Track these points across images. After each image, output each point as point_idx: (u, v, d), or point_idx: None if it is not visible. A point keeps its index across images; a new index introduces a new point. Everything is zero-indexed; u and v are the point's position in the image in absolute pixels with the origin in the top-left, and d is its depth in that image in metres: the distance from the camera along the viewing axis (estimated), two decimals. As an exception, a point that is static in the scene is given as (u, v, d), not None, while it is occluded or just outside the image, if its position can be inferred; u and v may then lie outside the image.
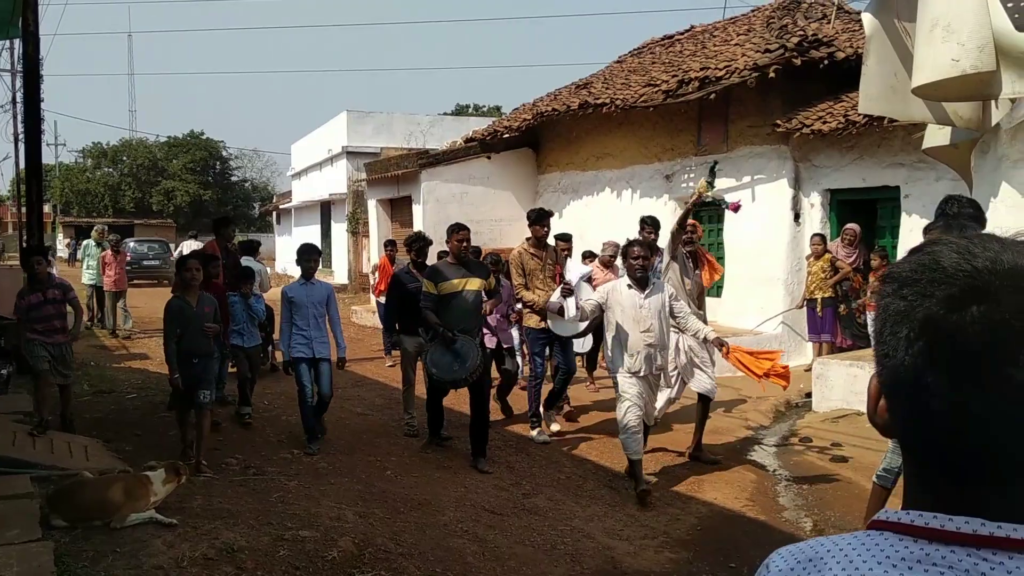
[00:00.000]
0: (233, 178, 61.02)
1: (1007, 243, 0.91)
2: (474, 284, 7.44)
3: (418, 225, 17.48)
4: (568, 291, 7.18)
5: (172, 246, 31.89)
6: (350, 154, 25.88)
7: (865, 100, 2.23)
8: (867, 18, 2.27)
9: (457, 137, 21.84)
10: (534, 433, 8.28)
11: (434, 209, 16.98)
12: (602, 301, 6.78)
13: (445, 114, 37.00)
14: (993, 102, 2.21)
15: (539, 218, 8.38)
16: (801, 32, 12.41)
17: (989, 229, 9.19)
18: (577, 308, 7.00)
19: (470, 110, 55.77)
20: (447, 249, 8.04)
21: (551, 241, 8.77)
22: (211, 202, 54.71)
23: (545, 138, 17.43)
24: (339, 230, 26.67)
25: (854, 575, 0.90)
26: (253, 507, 5.83)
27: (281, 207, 37.35)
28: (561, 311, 7.28)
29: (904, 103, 1.94)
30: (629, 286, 6.74)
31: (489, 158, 17.46)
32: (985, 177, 9.30)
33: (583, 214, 15.94)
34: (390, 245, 13.75)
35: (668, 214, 14.06)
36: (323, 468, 7.09)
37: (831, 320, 10.93)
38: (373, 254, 20.54)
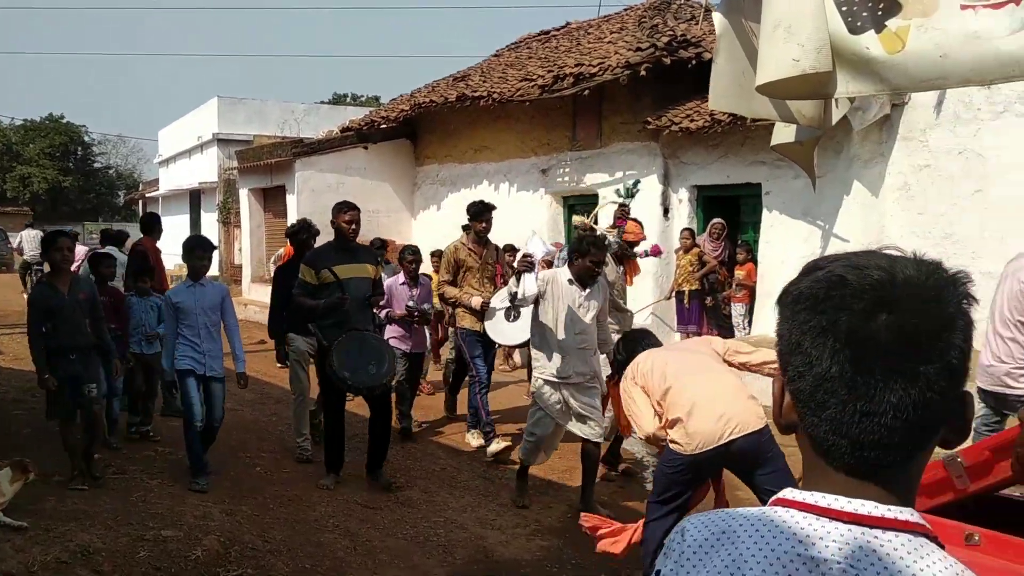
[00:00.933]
0: (96, 164, 58.12)
1: (895, 258, 1.04)
2: (363, 272, 6.55)
3: (292, 216, 17.10)
4: (528, 264, 5.97)
5: (12, 235, 30.00)
6: (221, 141, 25.07)
7: (715, 97, 2.33)
8: (717, 18, 2.37)
9: (333, 127, 21.47)
10: (493, 446, 7.48)
11: (309, 199, 16.64)
12: (542, 290, 6.00)
13: (322, 103, 36.31)
14: (833, 101, 2.35)
15: (480, 212, 7.73)
16: (671, 32, 12.78)
17: (841, 227, 9.76)
18: (521, 296, 6.01)
19: (348, 99, 54.90)
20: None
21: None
22: (72, 189, 51.99)
23: (423, 130, 17.34)
24: (209, 220, 25.80)
25: (764, 548, 1.01)
26: (111, 507, 5.60)
27: (148, 195, 35.91)
28: (508, 311, 6.40)
29: (752, 101, 2.04)
30: (570, 280, 6.04)
31: (366, 148, 17.25)
32: (838, 176, 9.84)
33: (461, 207, 15.76)
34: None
35: (544, 208, 14.27)
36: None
37: (698, 312, 11.35)
38: (245, 244, 19.99)
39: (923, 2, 1.73)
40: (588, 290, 6.03)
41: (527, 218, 13.63)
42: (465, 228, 8.11)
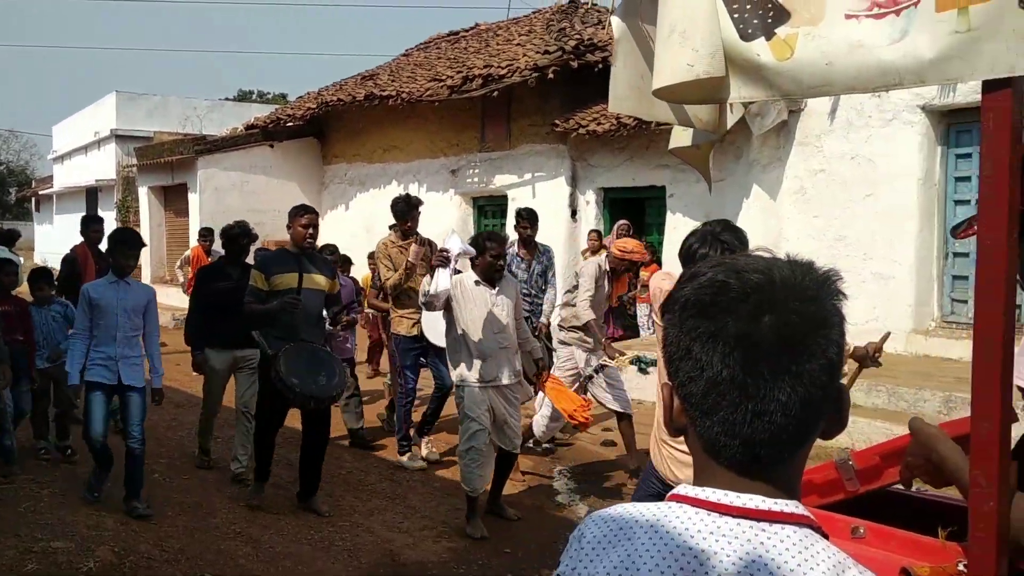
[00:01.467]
0: (-16, 161, 55.44)
1: (770, 260, 1.08)
2: (318, 282, 6.00)
3: (195, 215, 16.65)
4: (443, 259, 5.61)
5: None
6: (119, 138, 24.22)
7: (614, 100, 2.36)
8: (615, 21, 2.39)
9: (238, 124, 20.99)
10: (404, 459, 7.24)
11: (212, 198, 16.25)
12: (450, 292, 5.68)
13: (227, 99, 35.44)
14: (728, 106, 2.41)
15: (405, 211, 7.30)
16: (578, 36, 12.93)
17: (742, 226, 10.03)
18: (433, 293, 5.64)
19: (254, 96, 53.72)
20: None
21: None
22: (-43, 186, 49.42)
23: (331, 128, 17.12)
24: (107, 219, 24.87)
25: (658, 543, 1.04)
26: (-3, 519, 5.34)
27: (41, 193, 34.42)
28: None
29: (650, 104, 2.08)
30: (477, 282, 5.75)
31: (272, 147, 16.93)
32: (738, 180, 10.12)
33: (371, 207, 15.80)
34: (206, 235, 12.14)
35: (454, 209, 14.26)
36: (82, 474, 6.59)
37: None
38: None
39: (810, 10, 1.79)
40: (497, 287, 5.80)
41: (437, 219, 13.58)
42: (392, 227, 7.75)
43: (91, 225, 8.25)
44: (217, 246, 9.10)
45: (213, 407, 6.99)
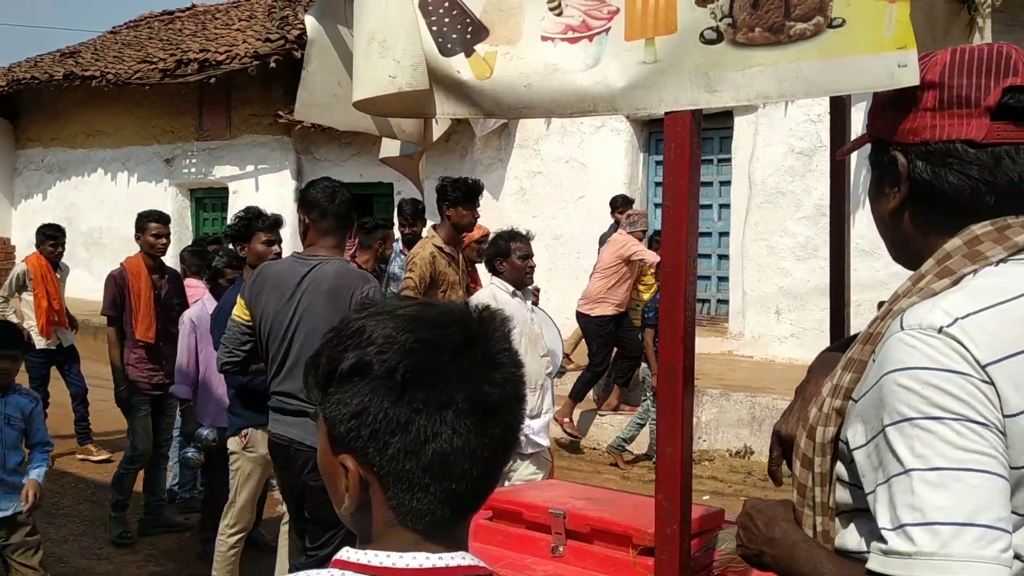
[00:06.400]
0: None
1: (452, 310, 1.01)
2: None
3: None
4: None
5: None
6: None
7: (303, 107, 2.22)
8: (310, 21, 2.24)
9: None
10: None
11: None
12: None
13: None
14: (435, 119, 2.35)
15: (472, 194, 5.41)
16: (302, 25, 12.53)
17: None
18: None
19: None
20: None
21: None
22: None
23: (25, 109, 15.52)
24: None
25: None
26: None
27: None
28: None
29: (348, 113, 1.96)
30: (514, 294, 4.49)
31: (-49, 127, 14.98)
32: (464, 179, 10.31)
33: (73, 197, 14.53)
34: (52, 233, 7.42)
35: (169, 201, 13.33)
36: None
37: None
38: None
39: (508, 29, 1.75)
40: (528, 300, 4.71)
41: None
42: (437, 226, 5.64)
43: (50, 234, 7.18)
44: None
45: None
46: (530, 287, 4.96)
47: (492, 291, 4.50)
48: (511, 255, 4.52)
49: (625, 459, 7.05)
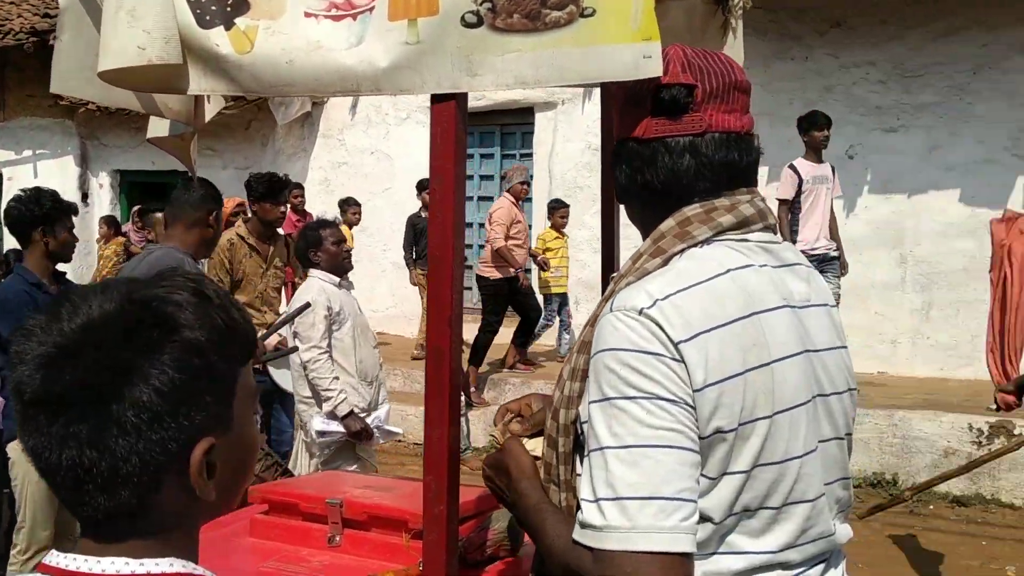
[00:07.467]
0: None
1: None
2: None
3: None
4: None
5: None
6: None
7: (57, 79, 2.04)
8: (62, -13, 2.08)
9: None
10: None
11: None
12: (336, 312, 4.30)
13: None
14: (206, 98, 2.23)
15: (275, 190, 5.18)
16: (87, 1, 11.73)
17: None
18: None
19: None
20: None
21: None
22: None
23: None
24: None
25: None
26: None
27: None
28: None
29: (108, 87, 1.82)
30: (340, 285, 4.42)
31: None
32: (265, 168, 9.94)
33: None
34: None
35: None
36: None
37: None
38: None
39: (271, 4, 1.70)
40: (352, 290, 4.66)
41: (-95, 199, 11.45)
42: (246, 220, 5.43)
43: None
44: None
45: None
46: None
47: (319, 284, 4.32)
48: (323, 243, 4.38)
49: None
